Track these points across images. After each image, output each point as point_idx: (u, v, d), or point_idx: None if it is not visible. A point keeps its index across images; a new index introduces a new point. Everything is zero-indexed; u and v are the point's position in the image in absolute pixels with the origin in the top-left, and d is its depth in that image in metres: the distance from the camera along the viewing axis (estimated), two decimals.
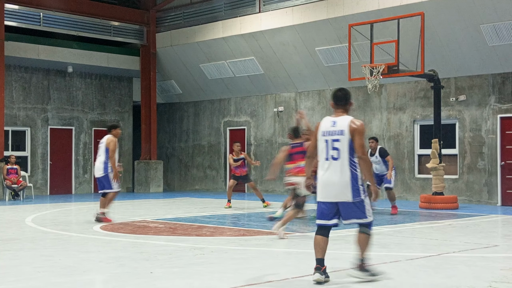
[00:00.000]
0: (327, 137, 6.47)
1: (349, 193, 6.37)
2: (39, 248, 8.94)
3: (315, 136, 6.61)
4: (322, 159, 6.50)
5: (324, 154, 6.47)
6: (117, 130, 12.44)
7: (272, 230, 10.20)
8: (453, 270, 7.18)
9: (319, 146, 6.53)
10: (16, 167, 19.35)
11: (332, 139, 6.43)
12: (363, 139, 6.41)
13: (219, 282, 6.50)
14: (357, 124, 6.44)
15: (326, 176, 6.43)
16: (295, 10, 19.47)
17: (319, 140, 6.53)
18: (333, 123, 6.52)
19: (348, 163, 6.37)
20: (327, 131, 6.49)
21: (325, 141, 6.47)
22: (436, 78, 16.14)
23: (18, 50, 20.65)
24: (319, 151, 6.53)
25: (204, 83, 23.63)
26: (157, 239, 9.87)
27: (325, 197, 6.48)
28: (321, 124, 6.59)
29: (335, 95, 6.78)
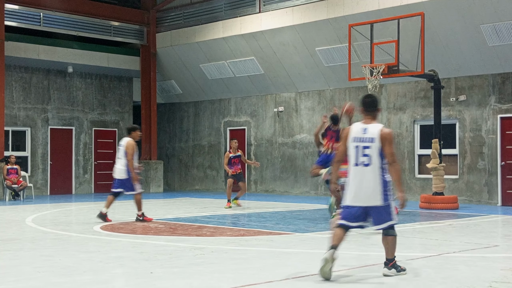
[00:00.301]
0: (357, 143, 6.69)
1: (379, 198, 6.60)
2: (39, 248, 8.94)
3: (344, 141, 6.80)
4: (352, 164, 6.70)
5: (354, 160, 6.68)
6: (137, 132, 12.59)
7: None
8: (453, 270, 7.18)
9: (350, 152, 6.73)
10: (16, 167, 19.36)
11: (362, 145, 6.65)
12: (392, 147, 6.70)
13: (219, 282, 6.49)
14: (386, 132, 6.73)
15: (356, 181, 6.63)
16: (295, 10, 19.47)
17: (349, 145, 6.74)
18: (364, 130, 6.76)
19: (378, 169, 6.61)
20: (358, 138, 6.71)
21: (356, 147, 6.69)
22: (436, 78, 16.14)
23: (18, 50, 20.65)
24: (350, 157, 6.72)
25: (204, 83, 23.63)
26: (157, 239, 9.87)
27: (355, 201, 6.66)
28: (352, 130, 6.79)
29: (364, 102, 7.01)
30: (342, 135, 6.91)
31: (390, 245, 6.83)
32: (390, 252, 6.83)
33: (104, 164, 23.76)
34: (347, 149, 6.79)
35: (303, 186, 21.07)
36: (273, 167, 22.09)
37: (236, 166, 16.17)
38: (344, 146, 6.81)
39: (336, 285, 6.40)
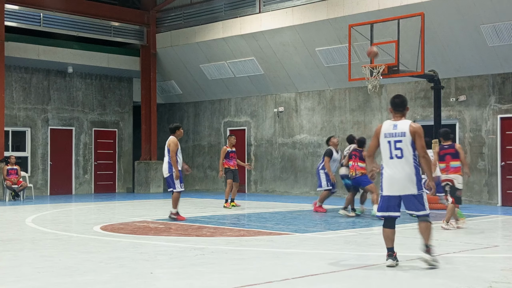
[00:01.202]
0: (389, 139, 7.32)
1: (413, 187, 7.27)
2: (39, 249, 8.94)
3: (376, 137, 7.44)
4: (386, 157, 7.35)
5: (388, 153, 7.33)
6: (180, 130, 13.09)
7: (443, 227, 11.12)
8: (453, 270, 7.18)
9: (382, 147, 7.37)
10: (16, 168, 19.36)
11: (394, 140, 7.29)
12: (423, 140, 7.33)
13: (219, 282, 6.50)
14: (416, 127, 7.34)
15: (391, 173, 7.30)
16: (295, 11, 19.47)
17: (381, 141, 7.38)
18: (394, 126, 7.36)
19: (411, 160, 7.26)
20: (389, 133, 7.34)
21: (388, 142, 7.32)
22: (436, 79, 16.14)
23: (18, 51, 20.66)
24: (383, 151, 7.37)
25: (204, 84, 23.64)
26: (157, 239, 9.88)
27: (391, 191, 7.32)
28: (383, 127, 7.41)
29: (394, 102, 7.52)
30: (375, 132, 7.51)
31: (424, 232, 7.36)
32: (425, 237, 7.34)
33: (104, 165, 23.77)
34: (378, 145, 7.44)
35: (303, 186, 21.08)
36: (273, 168, 22.09)
37: (234, 161, 16.18)
38: (376, 142, 7.43)
39: (336, 285, 6.40)
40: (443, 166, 11.47)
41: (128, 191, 24.05)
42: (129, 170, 24.43)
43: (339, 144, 15.21)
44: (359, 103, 19.80)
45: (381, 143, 7.39)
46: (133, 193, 23.44)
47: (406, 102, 7.57)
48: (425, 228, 7.34)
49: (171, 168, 12.72)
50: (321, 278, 6.73)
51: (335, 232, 10.82)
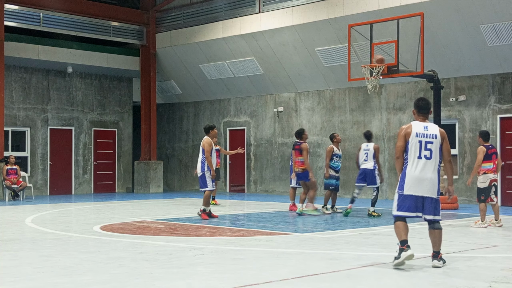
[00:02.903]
0: (420, 139, 7.38)
1: (435, 191, 7.38)
2: (38, 249, 8.93)
3: (403, 138, 7.43)
4: (414, 157, 7.37)
5: (418, 153, 7.37)
6: (214, 130, 13.34)
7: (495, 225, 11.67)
8: (453, 270, 7.18)
9: (412, 146, 7.37)
10: (16, 168, 19.35)
11: (426, 141, 7.38)
12: (449, 144, 7.55)
13: (218, 282, 6.50)
14: (443, 131, 7.57)
15: (418, 172, 7.33)
16: (295, 11, 19.47)
17: (412, 140, 7.37)
18: (425, 127, 7.46)
19: (437, 164, 7.41)
20: (420, 133, 7.41)
21: (419, 141, 7.37)
22: (436, 79, 16.14)
23: (18, 51, 20.65)
24: (412, 150, 7.37)
25: (204, 84, 23.63)
26: (157, 239, 9.87)
27: (415, 191, 7.33)
28: (414, 127, 7.44)
29: (419, 105, 7.61)
30: (399, 135, 7.51)
31: (438, 238, 7.49)
32: (438, 244, 7.47)
33: (103, 165, 23.77)
34: (405, 146, 7.42)
35: None
36: (272, 167, 22.09)
37: (217, 159, 16.32)
38: (403, 142, 7.42)
39: (336, 285, 6.40)
40: (491, 166, 11.89)
41: (127, 191, 24.05)
42: (128, 170, 24.43)
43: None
44: (359, 103, 19.80)
45: (411, 141, 7.38)
46: (132, 193, 23.43)
47: (430, 105, 7.74)
48: (440, 234, 7.49)
49: (204, 168, 12.95)
50: (321, 278, 6.73)
51: (335, 232, 10.82)
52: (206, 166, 12.92)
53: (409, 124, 7.54)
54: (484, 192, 11.79)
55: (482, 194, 11.80)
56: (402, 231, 7.39)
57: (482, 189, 11.80)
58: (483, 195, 11.78)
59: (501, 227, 11.80)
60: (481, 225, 11.61)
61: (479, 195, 11.86)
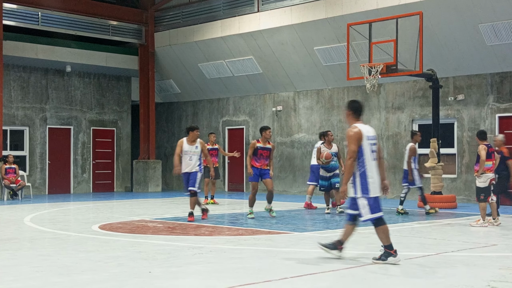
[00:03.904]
0: (370, 141, 7.56)
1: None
2: (37, 248, 8.93)
3: (358, 141, 7.48)
4: (369, 160, 7.52)
5: (371, 156, 7.54)
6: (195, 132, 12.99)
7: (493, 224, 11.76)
8: (451, 269, 7.19)
9: (365, 149, 7.49)
10: (15, 167, 19.34)
11: (372, 143, 7.58)
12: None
13: (217, 281, 6.50)
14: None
15: (375, 174, 7.54)
16: (293, 10, 19.46)
17: (364, 143, 7.49)
18: (368, 129, 7.65)
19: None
20: (368, 136, 7.57)
21: (370, 144, 7.54)
22: (435, 78, 16.15)
23: (16, 50, 20.63)
24: (367, 153, 7.50)
25: (202, 83, 23.63)
26: (155, 238, 9.87)
27: (377, 192, 7.56)
28: (364, 130, 7.56)
29: (356, 107, 7.80)
30: (351, 139, 7.51)
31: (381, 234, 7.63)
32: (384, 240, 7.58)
33: (102, 164, 23.76)
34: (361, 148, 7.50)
35: (301, 186, 21.07)
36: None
37: (213, 158, 16.50)
38: (357, 146, 7.47)
39: (335, 284, 6.40)
40: (490, 165, 11.87)
41: (126, 190, 24.03)
42: (127, 169, 24.42)
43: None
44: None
45: (364, 145, 7.48)
46: (131, 192, 23.42)
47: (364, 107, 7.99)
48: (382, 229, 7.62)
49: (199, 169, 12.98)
50: (320, 277, 6.73)
51: (334, 231, 10.82)
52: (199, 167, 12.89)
53: (356, 127, 7.56)
54: (484, 191, 11.79)
55: (482, 193, 11.80)
56: (389, 234, 7.54)
57: (482, 188, 11.79)
58: (483, 194, 11.78)
59: (499, 225, 11.80)
60: (482, 224, 11.60)
61: (479, 194, 11.85)
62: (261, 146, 12.85)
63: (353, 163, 7.47)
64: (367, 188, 7.45)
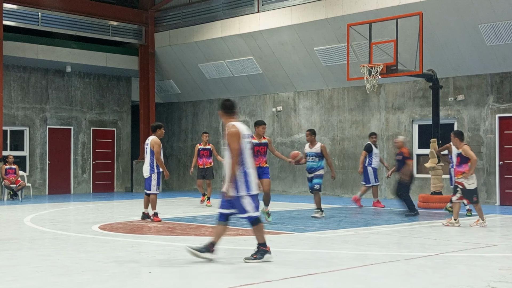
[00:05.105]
0: (247, 139, 7.62)
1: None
2: (37, 248, 8.93)
3: (239, 139, 7.49)
4: (248, 158, 7.58)
5: (249, 154, 7.61)
6: (162, 129, 12.84)
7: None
8: (451, 269, 7.19)
9: (245, 147, 7.55)
10: (15, 167, 19.35)
11: (248, 141, 7.64)
12: None
13: (217, 281, 6.50)
14: None
15: (254, 172, 7.60)
16: (293, 10, 19.47)
17: (244, 142, 7.55)
18: (244, 128, 7.66)
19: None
20: (246, 134, 7.63)
21: (247, 142, 7.61)
22: (435, 78, 16.15)
23: (16, 50, 20.63)
24: (247, 152, 7.58)
25: (202, 83, 23.63)
26: (155, 239, 9.87)
27: (256, 190, 7.58)
28: (241, 128, 7.59)
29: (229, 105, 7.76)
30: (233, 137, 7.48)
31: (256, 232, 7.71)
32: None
33: (102, 164, 23.76)
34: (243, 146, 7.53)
35: (301, 186, 21.08)
36: (271, 167, 22.02)
37: (204, 159, 16.32)
38: (239, 144, 7.49)
39: (335, 284, 6.40)
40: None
41: (126, 191, 24.03)
42: (127, 169, 24.42)
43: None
44: (358, 103, 19.80)
45: (243, 144, 7.53)
46: (131, 192, 23.42)
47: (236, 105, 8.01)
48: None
49: (152, 170, 12.42)
50: (320, 277, 6.73)
51: (334, 232, 10.82)
52: (156, 168, 12.39)
53: (235, 126, 7.55)
54: (476, 193, 11.67)
55: (475, 195, 11.66)
56: (263, 231, 7.61)
57: (474, 190, 11.66)
58: (475, 196, 11.66)
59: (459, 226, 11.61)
60: (483, 224, 11.54)
61: (472, 196, 11.65)
62: (256, 142, 12.21)
63: (238, 161, 7.44)
64: (249, 186, 7.49)
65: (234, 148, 7.43)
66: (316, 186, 13.12)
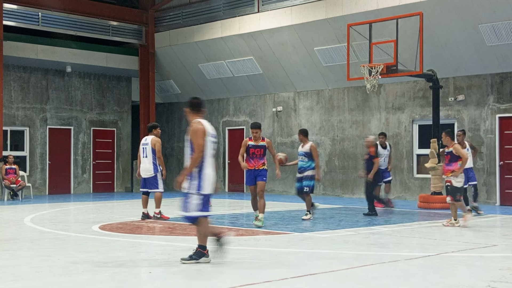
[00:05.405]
0: (212, 138, 7.57)
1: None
2: (37, 248, 8.93)
3: (204, 136, 7.44)
4: (209, 156, 7.50)
5: (211, 153, 7.54)
6: (158, 129, 12.91)
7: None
8: (451, 269, 7.19)
9: (208, 146, 7.50)
10: (15, 167, 19.35)
11: (213, 141, 7.61)
12: None
13: (217, 282, 6.50)
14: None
15: (213, 171, 7.52)
16: (293, 10, 19.47)
17: (208, 140, 7.49)
18: (210, 127, 7.63)
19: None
20: (211, 133, 7.59)
21: (211, 142, 7.55)
22: (435, 78, 16.15)
23: (16, 50, 20.63)
24: (209, 151, 7.51)
25: (202, 83, 23.63)
26: (155, 239, 9.87)
27: (211, 190, 7.50)
28: (207, 126, 7.55)
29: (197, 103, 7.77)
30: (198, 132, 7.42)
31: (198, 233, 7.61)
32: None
33: (102, 164, 23.75)
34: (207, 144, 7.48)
35: None
36: (271, 167, 22.04)
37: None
38: (204, 140, 7.43)
39: (335, 284, 6.40)
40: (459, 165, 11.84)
41: (126, 191, 24.03)
42: (127, 169, 24.42)
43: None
44: (358, 103, 19.79)
45: (207, 142, 7.46)
46: (131, 192, 23.42)
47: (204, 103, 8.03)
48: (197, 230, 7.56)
49: (156, 169, 12.61)
50: (320, 277, 6.73)
51: (334, 232, 10.82)
52: (158, 166, 12.57)
53: (201, 123, 7.49)
54: (460, 191, 11.70)
55: (459, 193, 11.69)
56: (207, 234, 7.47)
57: (459, 188, 11.70)
58: (459, 194, 11.68)
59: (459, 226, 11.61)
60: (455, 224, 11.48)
61: (456, 193, 11.64)
62: (252, 144, 11.86)
63: (200, 158, 7.34)
64: (202, 185, 7.36)
65: (200, 144, 7.35)
66: (306, 189, 12.84)
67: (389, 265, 7.43)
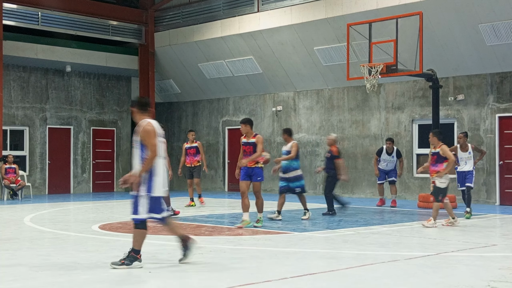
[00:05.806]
0: (160, 138, 7.47)
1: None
2: (37, 248, 8.93)
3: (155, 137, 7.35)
4: (161, 158, 7.36)
5: (161, 154, 7.40)
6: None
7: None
8: (451, 269, 7.19)
9: (160, 147, 7.38)
10: (15, 167, 19.35)
11: (162, 140, 7.49)
12: None
13: (217, 281, 6.50)
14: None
15: (164, 172, 7.36)
16: (293, 10, 19.46)
17: (159, 141, 7.39)
18: (158, 126, 7.56)
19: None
20: (160, 133, 7.51)
21: (160, 142, 7.42)
22: (435, 78, 16.14)
23: (16, 50, 20.63)
24: (161, 152, 7.38)
25: (202, 83, 23.63)
26: (155, 238, 9.87)
27: (162, 192, 7.33)
28: (157, 127, 7.47)
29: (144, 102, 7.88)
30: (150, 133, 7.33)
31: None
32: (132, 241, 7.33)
33: (102, 164, 23.75)
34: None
35: None
36: (271, 167, 22.04)
37: (191, 157, 16.30)
38: (155, 141, 7.33)
39: (335, 284, 6.40)
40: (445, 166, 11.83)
41: (126, 190, 24.02)
42: (127, 169, 24.38)
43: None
44: (358, 102, 19.79)
45: (158, 142, 7.34)
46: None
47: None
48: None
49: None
50: (320, 277, 6.74)
51: (333, 231, 10.83)
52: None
53: (150, 123, 7.41)
54: (442, 192, 11.66)
55: (441, 194, 11.66)
56: (144, 240, 7.31)
57: (443, 189, 11.66)
58: (441, 195, 11.66)
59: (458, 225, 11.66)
60: (433, 225, 11.44)
61: (438, 194, 11.63)
62: (244, 142, 11.76)
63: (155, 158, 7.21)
64: (152, 187, 7.21)
65: (153, 144, 7.23)
66: (297, 190, 12.79)
67: (388, 264, 7.43)
